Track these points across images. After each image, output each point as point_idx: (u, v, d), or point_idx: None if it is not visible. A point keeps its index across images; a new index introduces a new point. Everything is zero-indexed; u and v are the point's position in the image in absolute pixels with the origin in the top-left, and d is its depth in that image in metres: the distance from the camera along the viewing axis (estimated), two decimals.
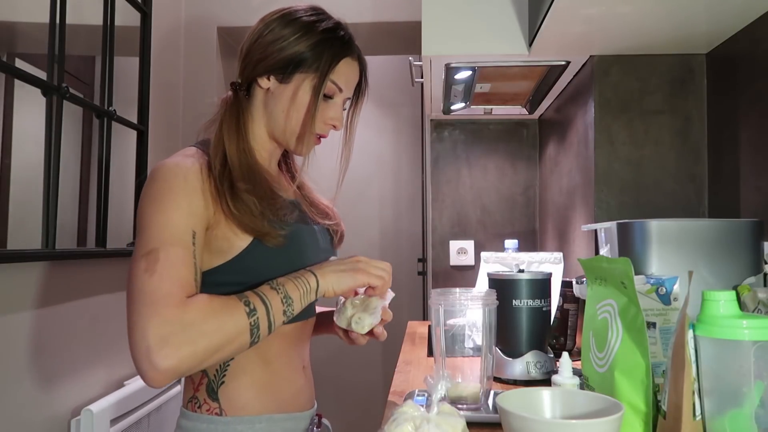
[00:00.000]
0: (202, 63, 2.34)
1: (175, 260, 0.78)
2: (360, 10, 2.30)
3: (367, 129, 3.21)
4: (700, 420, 0.68)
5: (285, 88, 0.95)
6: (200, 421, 0.90)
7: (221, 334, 0.76)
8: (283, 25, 0.95)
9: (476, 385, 0.96)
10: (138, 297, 0.76)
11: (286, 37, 0.94)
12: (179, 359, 0.72)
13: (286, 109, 0.95)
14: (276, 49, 0.94)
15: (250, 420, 0.90)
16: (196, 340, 0.74)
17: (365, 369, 3.10)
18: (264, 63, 0.94)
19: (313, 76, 0.94)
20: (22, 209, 1.34)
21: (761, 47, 1.23)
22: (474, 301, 0.98)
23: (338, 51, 0.96)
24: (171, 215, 0.81)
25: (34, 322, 1.39)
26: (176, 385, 1.90)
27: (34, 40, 1.41)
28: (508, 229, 2.34)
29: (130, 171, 1.84)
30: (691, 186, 1.49)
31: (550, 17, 1.27)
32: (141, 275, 0.77)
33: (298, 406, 0.97)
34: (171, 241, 0.79)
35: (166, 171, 0.85)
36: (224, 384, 0.90)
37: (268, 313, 0.80)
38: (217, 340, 0.75)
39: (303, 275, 0.86)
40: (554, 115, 2.07)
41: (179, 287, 0.77)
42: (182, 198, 0.83)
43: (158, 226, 0.80)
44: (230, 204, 0.86)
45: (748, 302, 0.92)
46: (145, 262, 0.77)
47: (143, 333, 0.73)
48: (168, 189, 0.83)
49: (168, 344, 0.72)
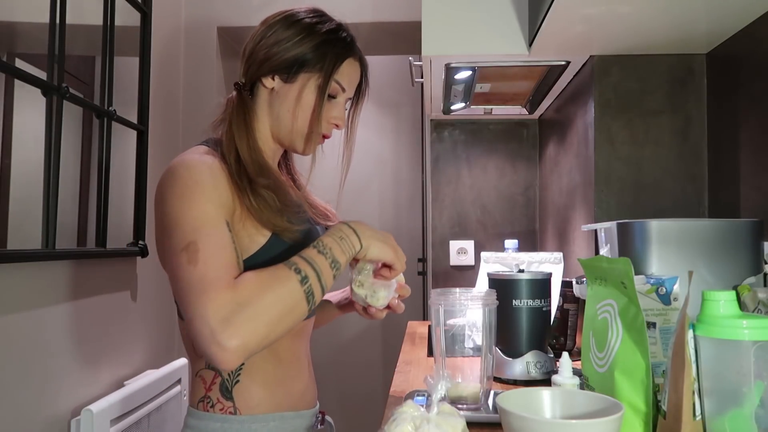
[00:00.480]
0: (202, 63, 2.34)
1: (215, 247, 0.78)
2: (360, 10, 2.30)
3: (367, 129, 3.21)
4: (700, 420, 0.68)
5: (290, 87, 0.96)
6: (213, 420, 0.89)
7: (279, 307, 0.76)
8: (286, 26, 0.96)
9: (476, 385, 0.96)
10: (189, 289, 0.76)
11: (289, 38, 0.95)
12: (244, 337, 0.72)
13: (292, 108, 0.96)
14: (280, 49, 0.95)
15: (264, 418, 0.91)
16: (256, 316, 0.74)
17: (365, 369, 3.10)
18: (268, 63, 0.95)
19: (318, 76, 0.95)
20: (22, 209, 1.34)
21: (761, 47, 1.23)
22: (474, 301, 0.99)
23: (341, 51, 0.97)
24: (204, 208, 0.81)
25: (34, 322, 1.39)
26: (176, 385, 1.91)
27: (34, 40, 1.41)
28: (508, 229, 2.34)
29: (130, 171, 1.84)
30: (691, 186, 1.49)
31: (550, 17, 1.27)
32: (185, 267, 0.77)
33: (305, 404, 0.99)
34: (208, 232, 0.79)
35: (189, 166, 0.85)
36: (239, 383, 0.90)
37: (319, 279, 0.80)
38: (275, 312, 0.76)
39: (348, 237, 0.86)
40: (554, 115, 2.07)
41: (225, 270, 0.77)
42: (212, 190, 0.83)
43: (193, 220, 0.80)
44: (251, 199, 0.87)
45: (748, 302, 0.92)
46: (186, 255, 0.77)
47: (203, 320, 0.72)
48: (195, 183, 0.83)
49: (230, 324, 0.72)
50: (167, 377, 1.84)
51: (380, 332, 3.15)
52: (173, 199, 0.82)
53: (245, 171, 0.89)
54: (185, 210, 0.81)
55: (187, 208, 0.81)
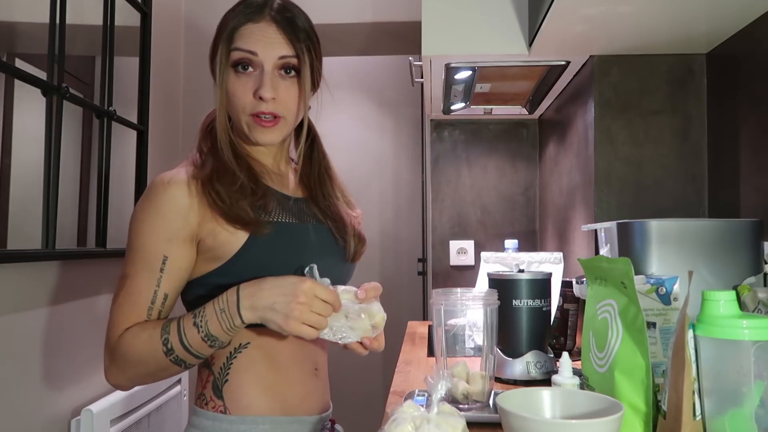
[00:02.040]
0: (202, 63, 2.32)
1: (135, 290, 0.86)
2: (360, 10, 2.30)
3: (367, 129, 3.21)
4: (700, 420, 0.68)
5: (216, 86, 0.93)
6: (206, 418, 0.90)
7: (145, 366, 0.85)
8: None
9: (477, 385, 0.96)
10: (109, 312, 0.89)
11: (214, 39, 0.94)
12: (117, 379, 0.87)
13: (218, 106, 0.92)
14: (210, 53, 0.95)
15: (253, 420, 0.90)
16: (126, 368, 0.86)
17: (365, 369, 3.10)
18: (212, 72, 0.94)
19: (220, 55, 0.90)
20: (22, 209, 1.34)
21: (761, 47, 1.23)
22: (475, 301, 0.98)
23: (238, 22, 0.90)
24: (146, 240, 0.87)
25: (34, 322, 1.39)
26: (176, 385, 1.90)
27: (34, 40, 1.41)
28: (508, 229, 2.34)
29: (130, 171, 1.84)
30: (691, 186, 1.49)
31: (550, 17, 1.27)
32: (115, 292, 0.88)
33: (306, 410, 0.95)
34: (139, 267, 0.86)
35: (154, 188, 0.88)
36: (228, 382, 0.90)
37: (189, 351, 0.84)
38: (143, 370, 0.86)
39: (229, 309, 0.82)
40: (554, 115, 2.07)
41: (126, 318, 0.86)
42: (160, 220, 0.87)
43: (134, 251, 0.87)
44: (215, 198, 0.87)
45: (748, 302, 0.92)
46: (118, 286, 0.88)
47: (105, 347, 0.88)
48: (150, 208, 0.88)
49: (111, 365, 0.87)
50: None
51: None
52: (133, 219, 0.89)
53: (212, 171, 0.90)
54: (134, 235, 0.88)
55: (136, 234, 0.88)
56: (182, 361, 0.84)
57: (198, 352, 0.84)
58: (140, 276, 0.86)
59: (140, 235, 0.87)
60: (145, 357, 0.84)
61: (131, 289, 0.86)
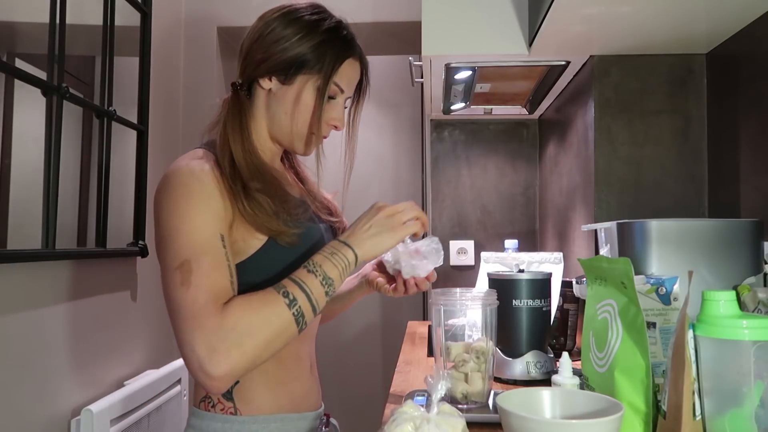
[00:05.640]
0: (202, 63, 2.34)
1: (208, 269, 0.79)
2: (360, 10, 2.30)
3: (367, 129, 3.21)
4: (700, 420, 0.68)
5: (287, 89, 0.94)
6: (215, 420, 0.89)
7: (266, 331, 0.78)
8: (285, 24, 0.93)
9: (477, 385, 0.96)
10: (179, 312, 0.78)
11: (288, 37, 0.92)
12: (231, 364, 0.75)
13: (289, 111, 0.94)
14: (278, 50, 0.92)
15: (265, 419, 0.90)
16: (242, 342, 0.76)
17: (365, 369, 3.10)
18: (266, 64, 0.93)
19: (317, 78, 0.93)
20: (22, 209, 1.34)
21: (761, 47, 1.23)
22: (474, 301, 0.99)
23: (341, 52, 0.94)
24: (197, 222, 0.81)
25: (34, 322, 1.39)
26: (176, 385, 1.90)
27: (34, 40, 1.41)
28: (508, 229, 2.34)
29: (130, 171, 1.84)
30: (691, 186, 1.49)
31: (550, 17, 1.27)
32: (178, 289, 0.78)
33: (309, 406, 0.98)
34: (202, 250, 0.80)
35: (182, 175, 0.84)
36: (239, 384, 0.90)
37: (309, 299, 0.81)
38: (263, 337, 0.77)
39: (339, 250, 0.85)
40: (554, 115, 2.07)
41: (215, 296, 0.78)
42: (204, 202, 0.83)
43: (186, 235, 0.80)
44: (245, 204, 0.85)
45: (748, 302, 0.92)
46: (180, 275, 0.79)
47: (192, 347, 0.75)
48: (188, 194, 0.83)
49: (216, 352, 0.75)
50: (167, 377, 1.84)
51: (380, 332, 3.14)
52: (167, 211, 0.83)
53: (239, 175, 0.87)
54: (179, 224, 0.81)
55: (180, 222, 0.81)
56: (302, 315, 0.80)
57: (317, 300, 0.82)
58: (206, 258, 0.79)
59: (187, 219, 0.81)
60: (267, 316, 0.78)
61: (202, 270, 0.78)
